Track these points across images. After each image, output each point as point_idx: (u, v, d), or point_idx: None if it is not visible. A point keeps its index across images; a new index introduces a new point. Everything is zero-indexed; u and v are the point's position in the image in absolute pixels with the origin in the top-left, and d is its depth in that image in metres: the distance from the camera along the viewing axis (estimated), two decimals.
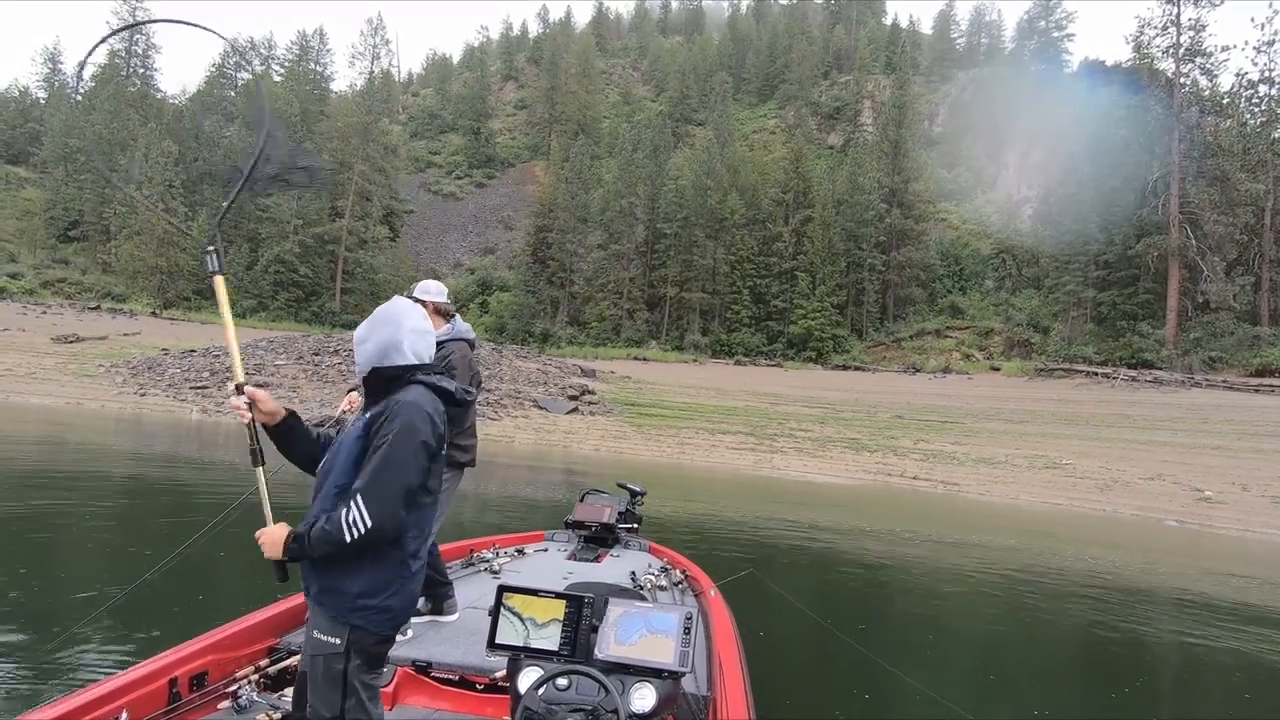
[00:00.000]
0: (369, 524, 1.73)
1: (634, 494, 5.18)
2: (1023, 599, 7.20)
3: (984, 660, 5.54)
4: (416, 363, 1.95)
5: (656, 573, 4.04)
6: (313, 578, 1.86)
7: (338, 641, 1.81)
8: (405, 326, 1.96)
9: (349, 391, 3.47)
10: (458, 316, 3.51)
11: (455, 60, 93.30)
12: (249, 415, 2.01)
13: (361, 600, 1.80)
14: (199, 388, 20.46)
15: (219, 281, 2.08)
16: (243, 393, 2.01)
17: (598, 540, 4.71)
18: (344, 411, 3.40)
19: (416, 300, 3.30)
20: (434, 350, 2.03)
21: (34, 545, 5.83)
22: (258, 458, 2.06)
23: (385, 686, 2.61)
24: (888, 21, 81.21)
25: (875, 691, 4.38)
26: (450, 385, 1.98)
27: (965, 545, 9.89)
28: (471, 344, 3.49)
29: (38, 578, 4.99)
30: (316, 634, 1.85)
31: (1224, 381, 29.48)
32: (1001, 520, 12.71)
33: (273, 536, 1.85)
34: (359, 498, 1.75)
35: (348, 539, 1.74)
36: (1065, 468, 17.27)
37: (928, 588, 7.50)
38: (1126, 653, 5.80)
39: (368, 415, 1.91)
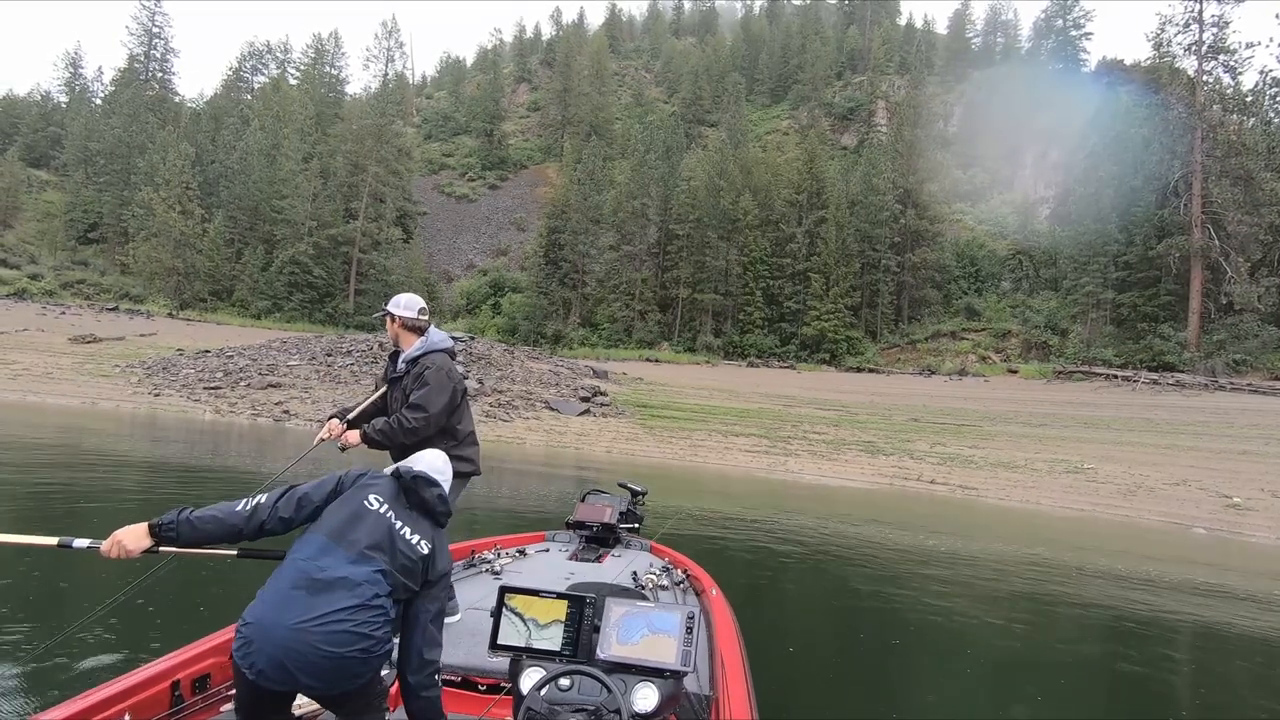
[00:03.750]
0: (260, 503, 1.96)
1: (635, 494, 5.17)
2: (1047, 608, 6.96)
3: (1000, 668, 5.33)
4: (406, 467, 2.26)
5: (658, 572, 4.02)
6: None
7: None
8: (424, 459, 2.32)
9: (329, 419, 3.37)
10: (432, 327, 3.40)
11: (469, 63, 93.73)
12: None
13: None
14: (212, 388, 20.55)
15: None
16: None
17: (599, 540, 4.70)
18: (321, 440, 3.30)
19: (387, 314, 3.30)
20: (426, 462, 2.29)
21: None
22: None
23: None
24: (902, 22, 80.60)
25: (882, 692, 4.24)
26: (403, 470, 2.21)
27: (984, 550, 9.65)
28: (450, 353, 3.38)
29: (44, 579, 4.92)
30: None
31: (1249, 385, 28.86)
32: (1022, 526, 12.44)
33: (120, 536, 1.97)
34: (268, 494, 2.03)
35: (239, 506, 1.94)
36: (1087, 472, 16.92)
37: (943, 593, 7.28)
38: (1159, 674, 5.57)
39: None
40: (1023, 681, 5.07)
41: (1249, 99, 37.01)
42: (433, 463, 2.29)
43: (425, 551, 2.05)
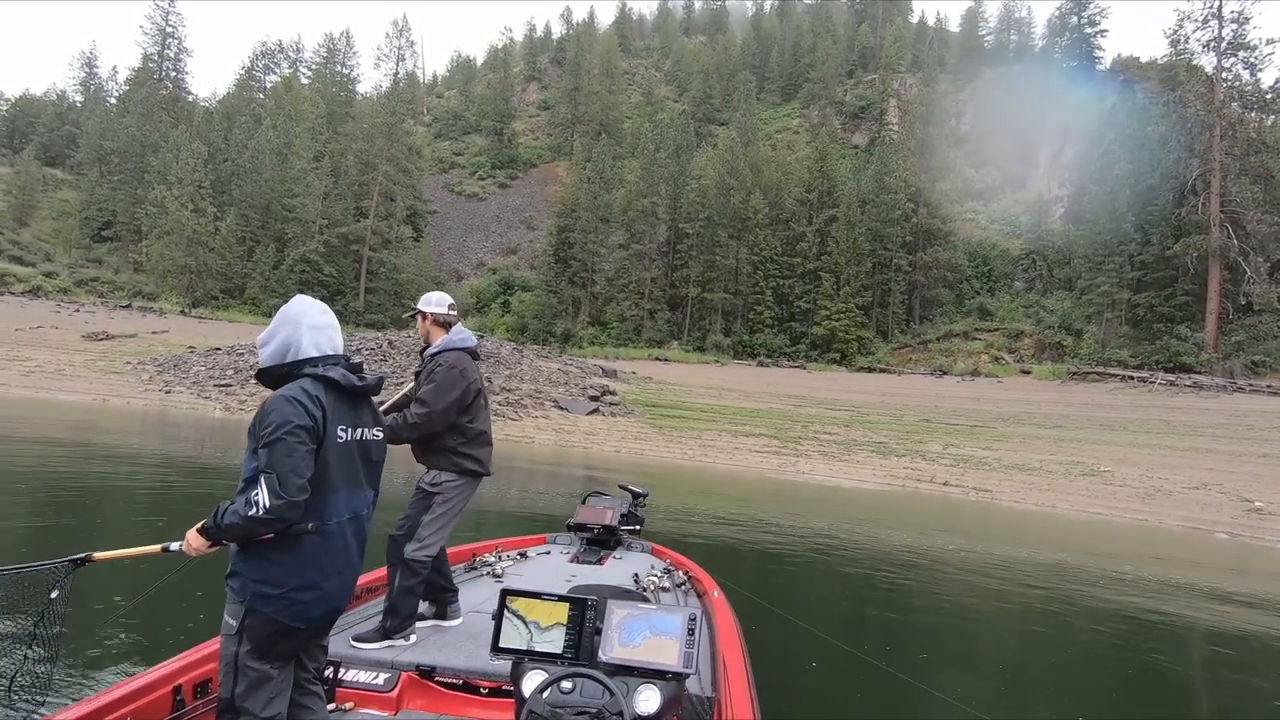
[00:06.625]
0: (268, 505, 1.78)
1: (636, 496, 5.17)
2: (1061, 615, 6.79)
3: (1012, 674, 5.18)
4: (316, 355, 2.00)
5: (659, 574, 4.04)
6: (231, 561, 1.94)
7: (234, 624, 1.88)
8: (304, 324, 2.02)
9: None
10: (458, 325, 3.39)
11: (479, 62, 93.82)
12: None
13: (262, 587, 1.86)
14: (222, 385, 20.61)
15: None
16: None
17: (600, 543, 4.73)
18: None
19: (419, 311, 3.36)
20: (337, 342, 2.07)
21: (49, 547, 5.74)
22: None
23: (389, 691, 2.64)
24: (914, 19, 79.95)
25: (889, 694, 4.13)
26: (337, 374, 1.98)
27: (1000, 555, 9.46)
28: (472, 352, 3.34)
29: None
30: (225, 616, 1.92)
31: (1268, 386, 28.40)
32: (1038, 529, 12.23)
33: (188, 537, 1.95)
34: (261, 479, 1.80)
35: (252, 511, 1.79)
36: (1104, 475, 16.65)
37: (955, 596, 7.12)
38: (1176, 680, 5.39)
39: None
40: (1034, 686, 4.92)
41: (1269, 96, 36.44)
42: (323, 340, 2.03)
43: (380, 435, 2.15)
